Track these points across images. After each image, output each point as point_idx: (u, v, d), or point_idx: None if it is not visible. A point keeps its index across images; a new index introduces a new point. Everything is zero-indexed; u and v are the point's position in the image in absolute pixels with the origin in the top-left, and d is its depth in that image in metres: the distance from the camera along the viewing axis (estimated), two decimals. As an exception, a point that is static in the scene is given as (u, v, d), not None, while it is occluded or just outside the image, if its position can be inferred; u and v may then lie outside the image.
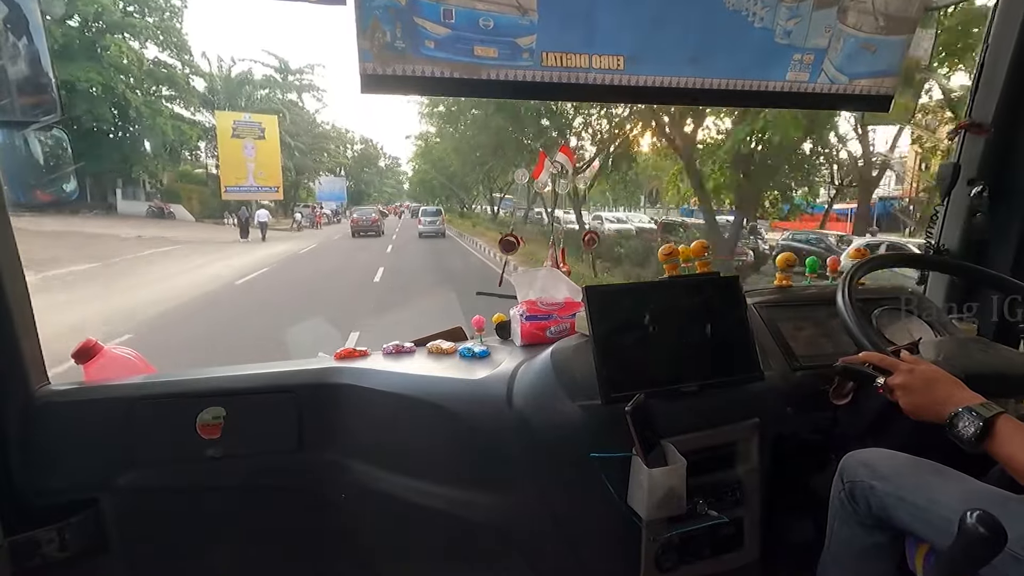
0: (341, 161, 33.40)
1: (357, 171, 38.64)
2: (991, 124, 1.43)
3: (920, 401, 0.87)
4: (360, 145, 39.05)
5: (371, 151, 40.34)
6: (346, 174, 35.21)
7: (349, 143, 36.41)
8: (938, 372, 0.89)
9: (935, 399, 0.85)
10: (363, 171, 39.91)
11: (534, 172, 1.55)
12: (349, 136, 36.38)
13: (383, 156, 44.99)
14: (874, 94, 1.39)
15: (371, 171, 41.59)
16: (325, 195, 30.67)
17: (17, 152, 1.18)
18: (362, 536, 1.29)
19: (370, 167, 41.26)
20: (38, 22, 1.17)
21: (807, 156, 11.41)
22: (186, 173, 24.40)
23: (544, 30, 1.15)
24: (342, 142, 34.27)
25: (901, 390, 0.89)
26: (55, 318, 5.27)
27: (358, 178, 38.55)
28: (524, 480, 1.16)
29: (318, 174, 29.30)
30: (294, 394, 1.26)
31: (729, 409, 1.14)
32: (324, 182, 30.63)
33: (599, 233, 1.61)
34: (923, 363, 0.92)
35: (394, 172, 49.44)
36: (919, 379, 0.88)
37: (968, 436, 0.79)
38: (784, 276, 1.45)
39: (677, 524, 1.08)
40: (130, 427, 1.20)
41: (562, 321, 1.38)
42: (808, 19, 1.26)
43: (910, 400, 0.88)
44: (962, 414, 0.80)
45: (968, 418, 0.80)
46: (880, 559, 0.99)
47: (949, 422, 0.82)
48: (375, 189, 44.30)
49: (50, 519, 1.15)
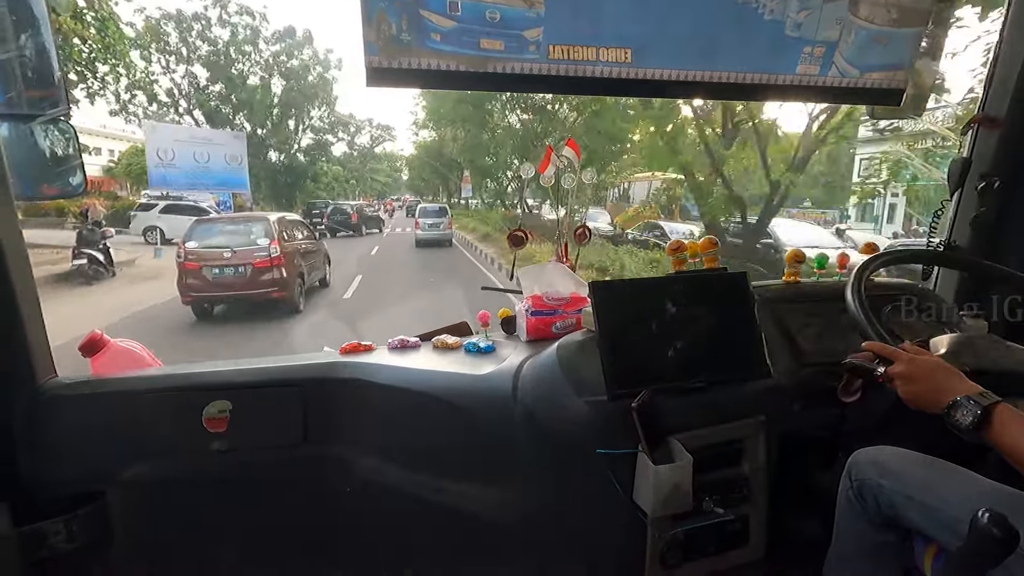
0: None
1: (286, 113, 25.19)
2: (1005, 118, 1.40)
3: (919, 390, 0.86)
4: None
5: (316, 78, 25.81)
6: (251, 119, 24.02)
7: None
8: (938, 362, 0.88)
9: (934, 388, 0.84)
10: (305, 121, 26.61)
11: (540, 166, 1.54)
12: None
13: (369, 127, 35.52)
14: (885, 87, 1.36)
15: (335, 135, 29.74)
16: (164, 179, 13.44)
17: (23, 145, 1.18)
18: (366, 530, 1.29)
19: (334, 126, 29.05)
20: (44, 15, 1.17)
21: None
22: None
23: (551, 22, 1.14)
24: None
25: (900, 379, 0.88)
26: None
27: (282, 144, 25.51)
28: (529, 475, 1.15)
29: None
30: (300, 388, 1.26)
31: (736, 406, 1.14)
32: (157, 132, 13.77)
33: (589, 228, 1.60)
34: (924, 353, 0.92)
35: (389, 158, 42.61)
36: (919, 368, 0.87)
37: (966, 424, 0.78)
38: (792, 272, 1.43)
39: (683, 521, 1.08)
40: (136, 420, 1.20)
41: (568, 316, 1.37)
42: (819, 11, 1.24)
43: (909, 389, 0.87)
44: (960, 403, 0.80)
45: (967, 406, 0.79)
46: (888, 558, 0.98)
47: (947, 411, 0.81)
48: (355, 177, 35.23)
49: (57, 511, 1.16)
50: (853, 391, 1.06)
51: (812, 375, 1.18)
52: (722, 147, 9.74)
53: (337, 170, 31.94)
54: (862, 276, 1.13)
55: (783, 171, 9.10)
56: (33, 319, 1.17)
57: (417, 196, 39.63)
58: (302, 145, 27.62)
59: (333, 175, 30.67)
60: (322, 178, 28.65)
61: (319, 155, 28.74)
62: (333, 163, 31.19)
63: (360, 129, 34.96)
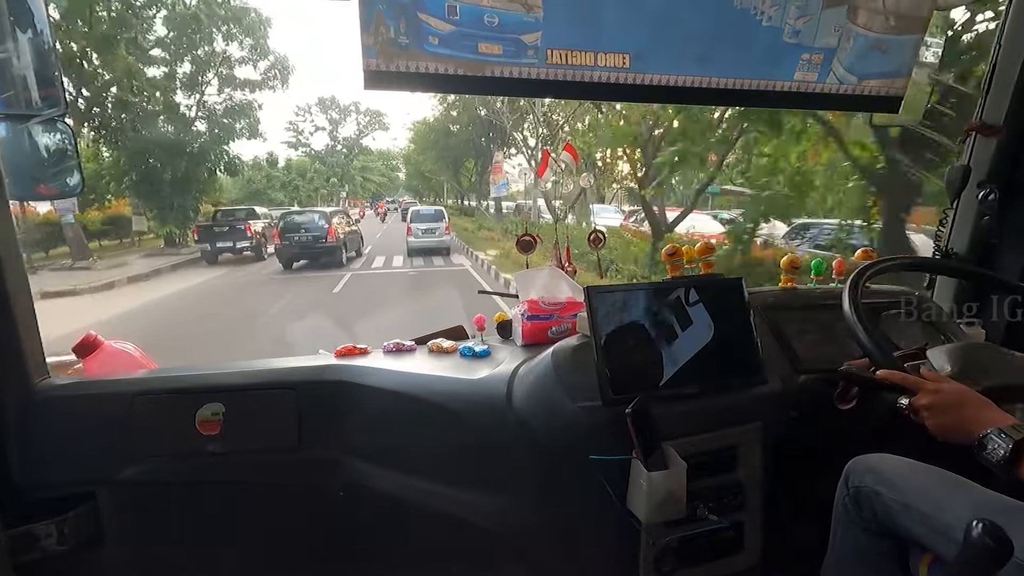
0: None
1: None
2: (1003, 125, 1.41)
3: (949, 423, 0.85)
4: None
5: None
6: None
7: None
8: (965, 392, 0.86)
9: (964, 420, 0.83)
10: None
11: (538, 170, 1.54)
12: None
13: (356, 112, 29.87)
14: (883, 95, 1.37)
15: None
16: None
17: (20, 145, 1.18)
18: (359, 534, 1.29)
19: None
20: (43, 15, 1.17)
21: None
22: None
23: (549, 27, 1.14)
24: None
25: (928, 411, 0.87)
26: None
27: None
28: (523, 481, 1.15)
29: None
30: (294, 391, 1.25)
31: (731, 412, 1.13)
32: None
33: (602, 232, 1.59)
34: (947, 382, 0.90)
35: (385, 156, 36.15)
36: (947, 400, 0.86)
37: (998, 459, 0.76)
38: (788, 278, 1.43)
39: (677, 528, 1.07)
40: (130, 422, 1.20)
41: (564, 321, 1.37)
42: (818, 18, 1.25)
43: (938, 422, 0.85)
44: (991, 436, 0.78)
45: (998, 440, 0.77)
46: (884, 566, 0.98)
47: (978, 444, 0.79)
48: (337, 175, 28.61)
49: (48, 513, 1.15)
50: (849, 398, 1.05)
51: (808, 382, 1.18)
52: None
53: (303, 163, 25.03)
54: (858, 283, 1.12)
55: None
56: (27, 320, 1.17)
57: (415, 198, 34.71)
58: (212, 108, 15.22)
59: (298, 169, 23.20)
60: (251, 172, 18.68)
61: (239, 122, 15.38)
62: (314, 158, 23.03)
63: (344, 116, 28.53)
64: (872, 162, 4.69)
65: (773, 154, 5.79)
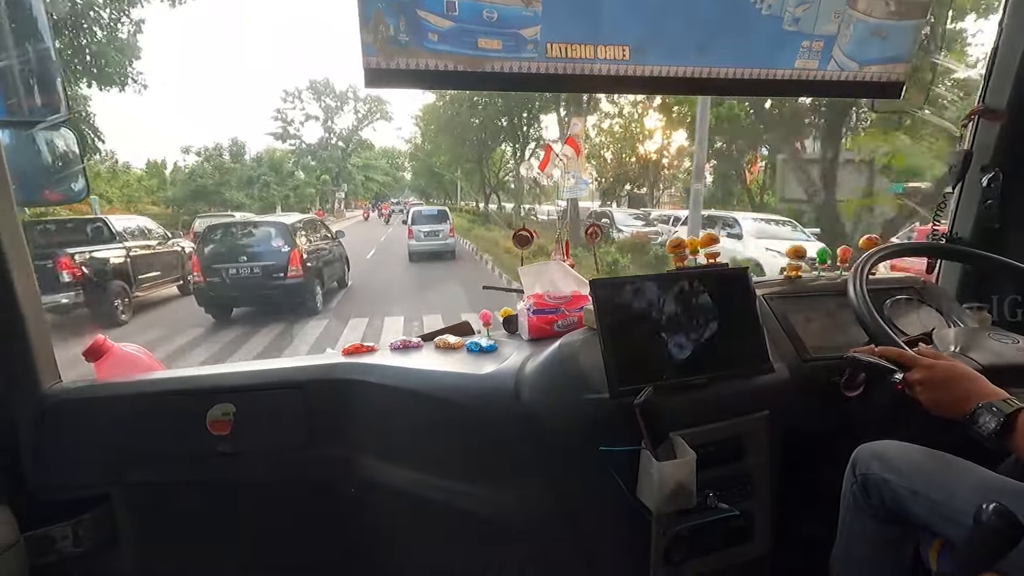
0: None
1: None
2: (1005, 110, 1.40)
3: (941, 397, 0.85)
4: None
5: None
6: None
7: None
8: (958, 367, 0.87)
9: (956, 395, 0.84)
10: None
11: (540, 165, 1.54)
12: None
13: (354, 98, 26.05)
14: (885, 81, 1.36)
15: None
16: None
17: (25, 151, 1.19)
18: (371, 530, 1.30)
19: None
20: (45, 22, 1.17)
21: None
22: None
23: (548, 21, 1.14)
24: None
25: (921, 386, 0.87)
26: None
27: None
28: (532, 474, 1.15)
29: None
30: (303, 390, 1.26)
31: (739, 402, 1.13)
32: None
33: (602, 227, 1.59)
34: (942, 358, 0.90)
35: (389, 154, 32.41)
36: (939, 375, 0.86)
37: (988, 432, 0.77)
38: (793, 267, 1.43)
39: (687, 517, 1.08)
40: (141, 424, 1.21)
41: (569, 315, 1.37)
42: (817, 5, 1.24)
43: (930, 396, 0.86)
44: (982, 410, 0.79)
45: (988, 414, 0.78)
46: (893, 553, 0.98)
47: (969, 418, 0.80)
48: (330, 172, 24.40)
49: (64, 515, 1.16)
50: (856, 385, 1.05)
51: (815, 370, 1.18)
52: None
53: (280, 156, 19.39)
54: (863, 270, 1.12)
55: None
56: (37, 324, 1.18)
57: (421, 199, 31.06)
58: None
59: (272, 163, 15.52)
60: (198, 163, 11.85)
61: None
62: (304, 152, 15.99)
63: (341, 103, 23.93)
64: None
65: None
